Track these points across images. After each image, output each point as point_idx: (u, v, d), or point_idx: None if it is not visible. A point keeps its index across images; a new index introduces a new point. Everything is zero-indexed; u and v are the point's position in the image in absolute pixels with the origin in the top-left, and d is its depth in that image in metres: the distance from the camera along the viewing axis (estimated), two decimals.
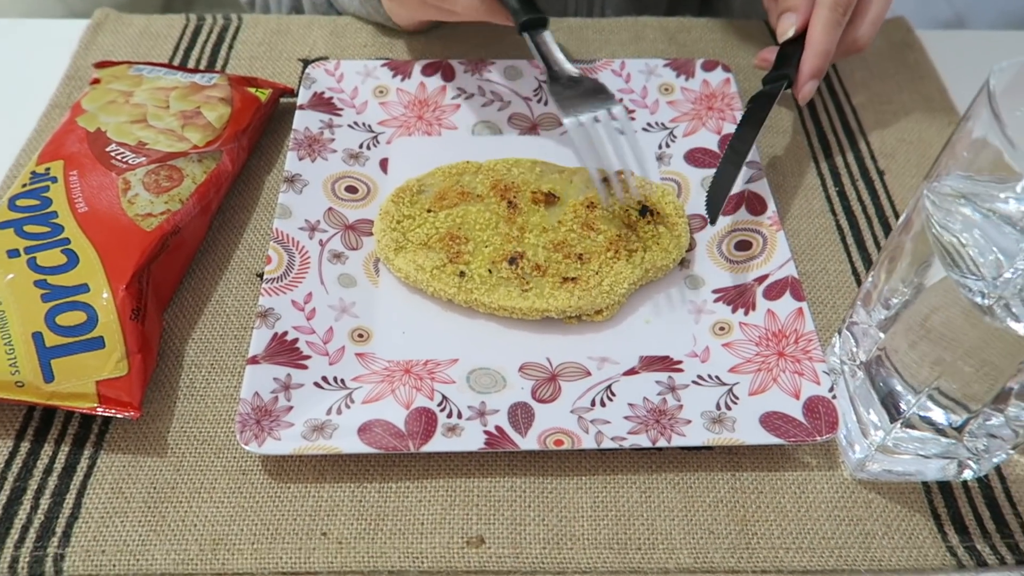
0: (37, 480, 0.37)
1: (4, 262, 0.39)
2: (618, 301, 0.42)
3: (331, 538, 0.36)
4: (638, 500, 0.37)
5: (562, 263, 0.43)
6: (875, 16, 0.49)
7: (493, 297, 0.41)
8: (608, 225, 0.44)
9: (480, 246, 0.43)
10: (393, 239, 0.44)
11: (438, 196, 0.45)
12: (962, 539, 0.37)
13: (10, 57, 0.57)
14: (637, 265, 0.43)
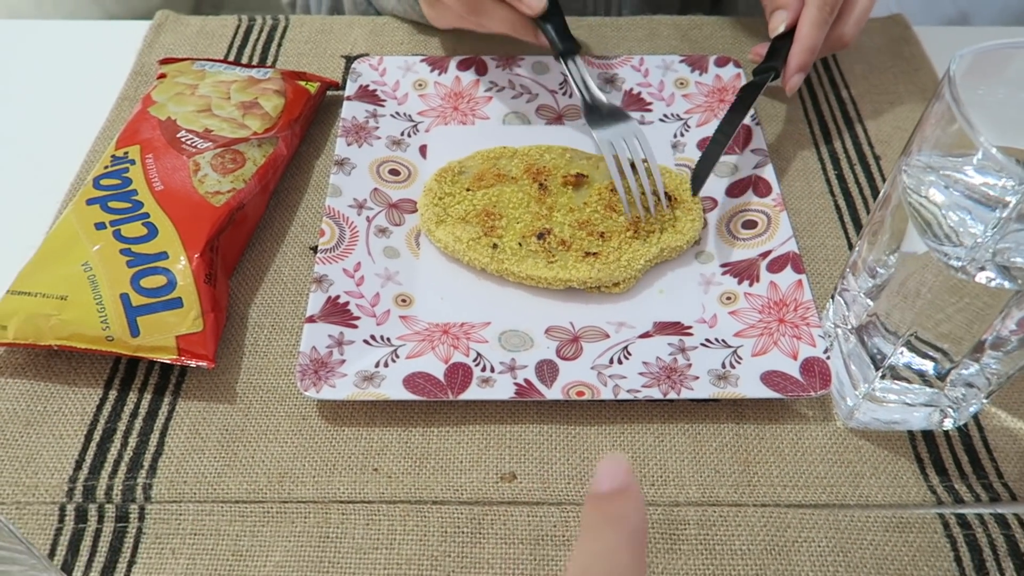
0: (125, 422, 0.42)
1: (92, 233, 0.45)
2: (634, 275, 0.47)
3: (381, 473, 0.41)
4: (652, 444, 0.42)
5: (585, 239, 0.47)
6: (859, 15, 0.53)
7: (522, 267, 0.46)
8: (631, 208, 0.49)
9: (512, 222, 0.48)
10: (435, 213, 0.49)
11: (476, 177, 0.50)
12: (942, 479, 0.41)
13: (80, 55, 0.62)
14: (653, 244, 0.48)
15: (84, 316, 0.42)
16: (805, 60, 0.52)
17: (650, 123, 0.56)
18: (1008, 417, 0.43)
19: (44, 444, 0.41)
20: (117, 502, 0.39)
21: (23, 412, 0.42)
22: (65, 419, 0.42)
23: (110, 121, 0.56)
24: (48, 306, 0.42)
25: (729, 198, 0.51)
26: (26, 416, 0.42)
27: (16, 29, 0.65)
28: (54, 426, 0.42)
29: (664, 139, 0.55)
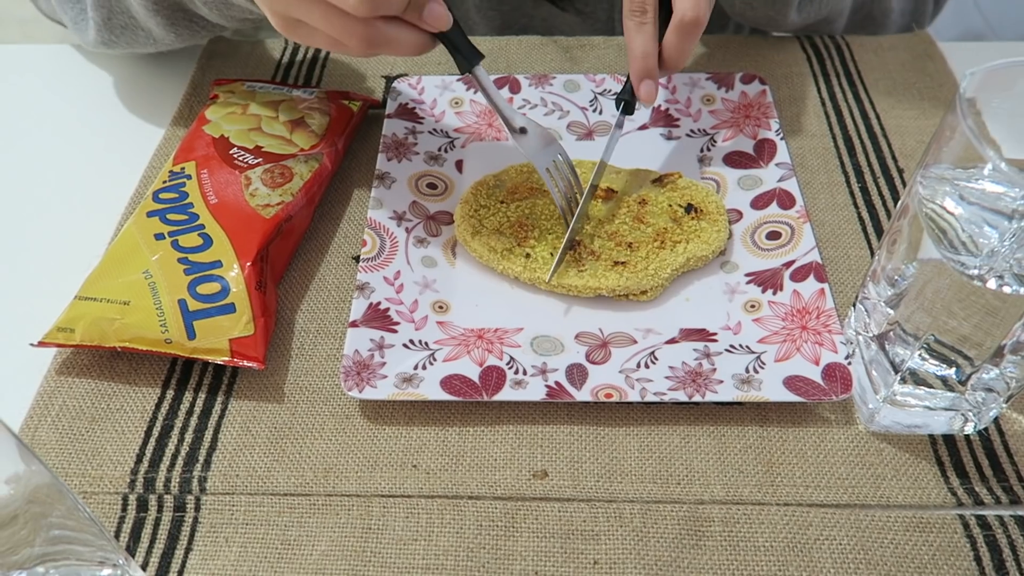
0: (181, 419, 0.45)
1: (152, 244, 0.48)
2: (661, 284, 0.49)
3: (420, 469, 0.43)
4: (678, 445, 0.44)
5: (614, 249, 0.50)
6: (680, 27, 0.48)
7: (557, 274, 0.49)
8: (656, 219, 0.51)
9: (544, 233, 0.51)
10: (471, 225, 0.51)
11: (511, 190, 0.53)
12: (962, 482, 0.42)
13: (137, 76, 0.66)
14: (680, 254, 0.50)
15: (145, 320, 0.45)
16: (639, 67, 0.50)
17: (677, 138, 0.58)
18: None
19: (108, 439, 0.44)
20: (175, 493, 0.42)
21: (89, 409, 0.45)
22: (127, 416, 0.45)
23: (166, 139, 0.59)
24: (112, 311, 0.45)
25: (754, 210, 0.53)
26: (91, 413, 0.45)
27: (79, 53, 0.69)
28: (117, 422, 0.45)
29: (691, 154, 0.57)
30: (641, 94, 0.50)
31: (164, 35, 0.57)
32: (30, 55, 0.70)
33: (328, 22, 0.43)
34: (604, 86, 0.61)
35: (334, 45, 0.46)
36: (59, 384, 0.46)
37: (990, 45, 0.71)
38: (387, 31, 0.44)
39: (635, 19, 0.49)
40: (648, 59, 0.49)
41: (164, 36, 0.57)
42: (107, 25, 0.56)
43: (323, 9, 0.43)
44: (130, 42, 0.58)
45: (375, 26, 0.44)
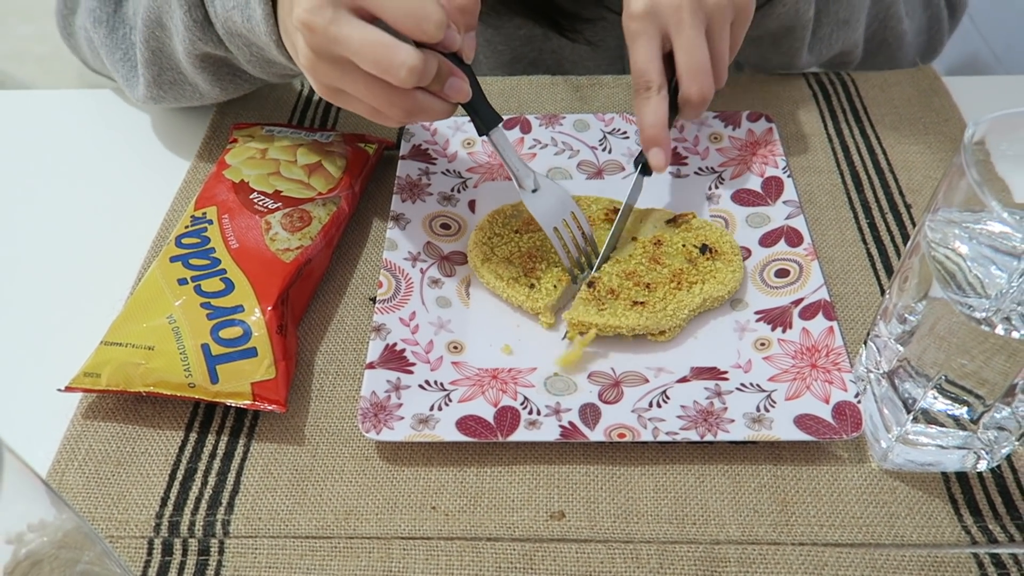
0: (204, 462, 0.46)
1: (176, 289, 0.49)
2: (679, 324, 0.50)
3: (439, 511, 0.44)
4: (693, 484, 0.44)
5: (632, 289, 0.51)
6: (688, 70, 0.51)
7: (574, 313, 0.49)
8: (672, 260, 0.52)
9: (551, 266, 0.52)
10: (482, 252, 0.53)
11: (526, 220, 0.55)
12: (976, 520, 0.43)
13: (156, 121, 0.68)
14: (696, 295, 0.50)
15: (169, 365, 0.46)
16: (649, 136, 0.52)
17: (686, 176, 0.59)
18: None
19: (133, 482, 0.45)
20: (199, 537, 0.43)
21: (114, 453, 0.46)
22: (151, 459, 0.46)
23: (187, 181, 0.61)
24: (137, 356, 0.47)
25: (762, 247, 0.53)
26: (117, 457, 0.46)
27: (99, 98, 0.71)
28: (141, 466, 0.46)
29: (699, 191, 0.58)
30: (652, 162, 0.53)
31: (210, 89, 0.59)
32: (52, 100, 0.72)
33: (372, 94, 0.46)
34: (613, 125, 0.62)
35: (374, 114, 0.48)
36: (85, 428, 0.47)
37: (994, 79, 0.72)
38: (421, 100, 0.47)
39: (641, 96, 0.52)
40: (654, 129, 0.52)
41: (210, 91, 0.60)
42: (156, 82, 0.59)
43: (368, 81, 0.45)
44: (177, 97, 0.61)
45: (414, 97, 0.46)
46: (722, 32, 0.52)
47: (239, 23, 0.50)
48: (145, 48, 0.57)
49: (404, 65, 0.43)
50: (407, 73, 0.43)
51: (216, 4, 0.51)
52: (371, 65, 0.44)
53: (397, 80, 0.44)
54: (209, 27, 0.53)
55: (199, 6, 0.52)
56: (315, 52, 0.45)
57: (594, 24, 0.71)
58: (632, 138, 0.62)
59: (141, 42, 0.57)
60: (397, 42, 0.43)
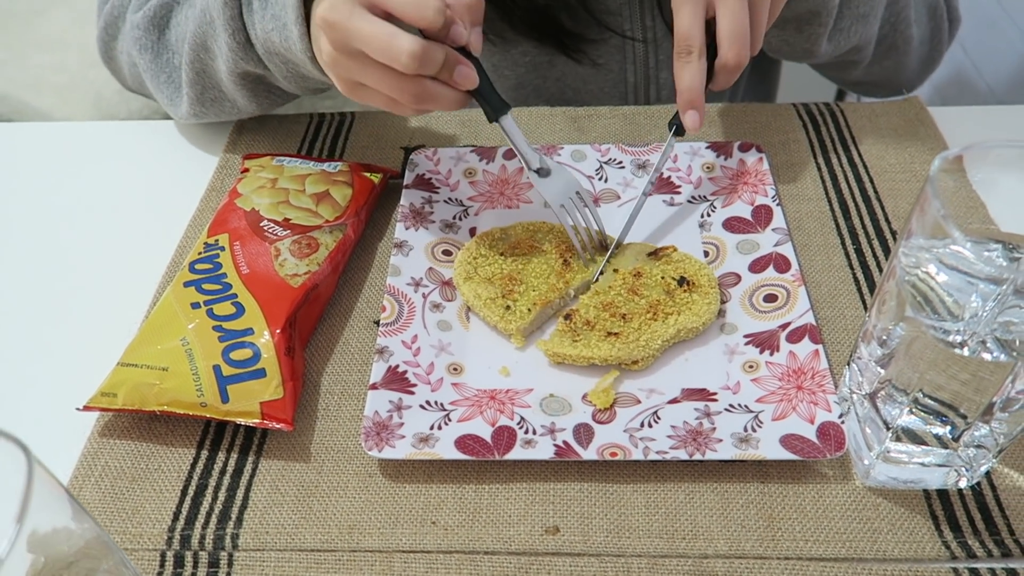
0: (215, 479, 0.48)
1: (189, 312, 0.52)
2: (652, 354, 0.51)
3: (439, 526, 0.46)
4: (683, 501, 0.46)
5: (608, 320, 0.52)
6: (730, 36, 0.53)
7: (550, 345, 0.51)
8: (650, 291, 0.54)
9: (529, 289, 0.55)
10: (466, 270, 0.56)
11: (513, 244, 0.57)
12: (956, 536, 0.44)
13: (170, 151, 0.71)
14: (671, 326, 0.52)
15: (182, 385, 0.48)
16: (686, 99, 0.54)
17: (679, 204, 0.62)
18: (1020, 477, 0.46)
19: (147, 497, 0.47)
20: (209, 550, 0.45)
21: (129, 469, 0.48)
22: (164, 475, 0.48)
23: (200, 210, 0.63)
24: (151, 376, 0.49)
25: (752, 273, 0.56)
26: (131, 473, 0.48)
27: (115, 129, 0.74)
28: (155, 482, 0.48)
29: (692, 219, 0.60)
30: (687, 123, 0.55)
31: (247, 104, 0.65)
32: (68, 131, 0.75)
33: (384, 82, 0.51)
34: (610, 155, 0.64)
35: (390, 104, 0.54)
36: (102, 446, 0.49)
37: (979, 109, 0.75)
38: (431, 88, 0.51)
39: (682, 59, 0.54)
40: (691, 92, 0.54)
41: (247, 106, 0.66)
42: (200, 99, 0.66)
43: (377, 69, 0.50)
44: (218, 113, 0.67)
45: (422, 84, 0.51)
46: (763, 3, 0.54)
47: (277, 43, 0.56)
48: (190, 69, 0.63)
49: (404, 51, 0.48)
50: (408, 58, 0.48)
51: (256, 27, 0.57)
52: (378, 53, 0.49)
53: (400, 65, 0.49)
54: (250, 48, 0.59)
55: (241, 30, 0.58)
56: (335, 47, 0.51)
57: (597, 46, 0.74)
58: (628, 167, 0.64)
59: (187, 64, 0.63)
60: (400, 31, 0.48)
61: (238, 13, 0.57)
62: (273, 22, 0.55)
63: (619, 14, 0.73)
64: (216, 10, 0.58)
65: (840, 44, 0.69)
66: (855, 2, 0.66)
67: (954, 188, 0.42)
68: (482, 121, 0.70)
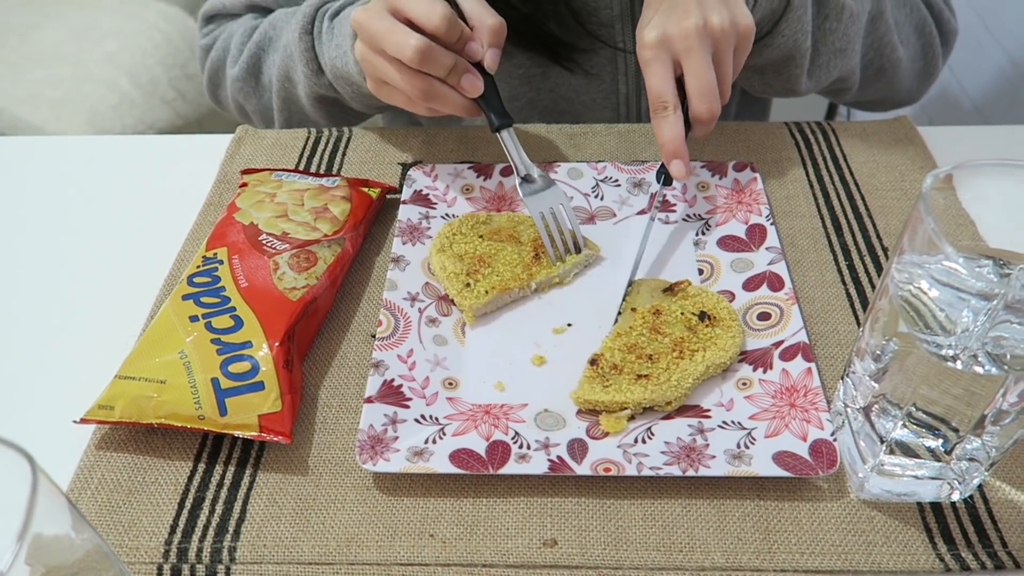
0: (212, 492, 0.48)
1: (187, 325, 0.52)
2: (684, 394, 0.50)
3: (437, 539, 0.46)
4: (680, 515, 0.46)
5: (635, 363, 0.51)
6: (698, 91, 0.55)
7: (580, 392, 0.50)
8: (672, 329, 0.53)
9: (492, 274, 0.56)
10: (440, 243, 0.58)
11: (494, 230, 0.59)
12: (949, 548, 0.45)
13: (167, 166, 0.71)
14: (699, 363, 0.51)
15: (180, 398, 0.48)
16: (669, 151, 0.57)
17: (674, 223, 0.62)
18: (1012, 490, 0.47)
19: (144, 511, 0.47)
20: (206, 563, 0.45)
21: (126, 482, 0.48)
22: (161, 488, 0.48)
23: (197, 224, 0.64)
24: (149, 389, 0.49)
25: (745, 291, 0.56)
26: (128, 486, 0.48)
27: (111, 143, 0.74)
28: (152, 495, 0.48)
29: (687, 238, 0.61)
30: (673, 172, 0.57)
31: (326, 123, 0.76)
32: (69, 145, 0.75)
33: (398, 77, 0.57)
34: (606, 173, 0.65)
35: (407, 102, 0.60)
36: (98, 459, 0.49)
37: (967, 129, 0.76)
38: (439, 88, 0.58)
39: (659, 115, 0.57)
40: (673, 143, 0.57)
41: (326, 124, 0.76)
42: (288, 122, 0.77)
43: (393, 64, 0.57)
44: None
45: (431, 83, 0.57)
46: (726, 56, 0.57)
47: (340, 67, 0.65)
48: (278, 98, 0.74)
49: (410, 45, 0.54)
50: (412, 51, 0.54)
51: (325, 56, 0.66)
52: (391, 47, 0.55)
53: (406, 58, 0.55)
54: (322, 75, 0.68)
55: (314, 60, 0.67)
56: (364, 44, 0.58)
57: (589, 55, 0.75)
58: (623, 185, 0.65)
59: (275, 93, 0.74)
60: (408, 30, 0.55)
61: (311, 46, 0.67)
62: (336, 50, 0.64)
63: (611, 26, 0.74)
64: (294, 45, 0.67)
65: (821, 79, 0.70)
66: (830, 39, 0.68)
67: (944, 205, 0.43)
68: (479, 138, 0.71)
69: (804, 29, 0.65)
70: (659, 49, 0.56)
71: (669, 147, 0.57)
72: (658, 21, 0.56)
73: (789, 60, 0.67)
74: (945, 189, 0.42)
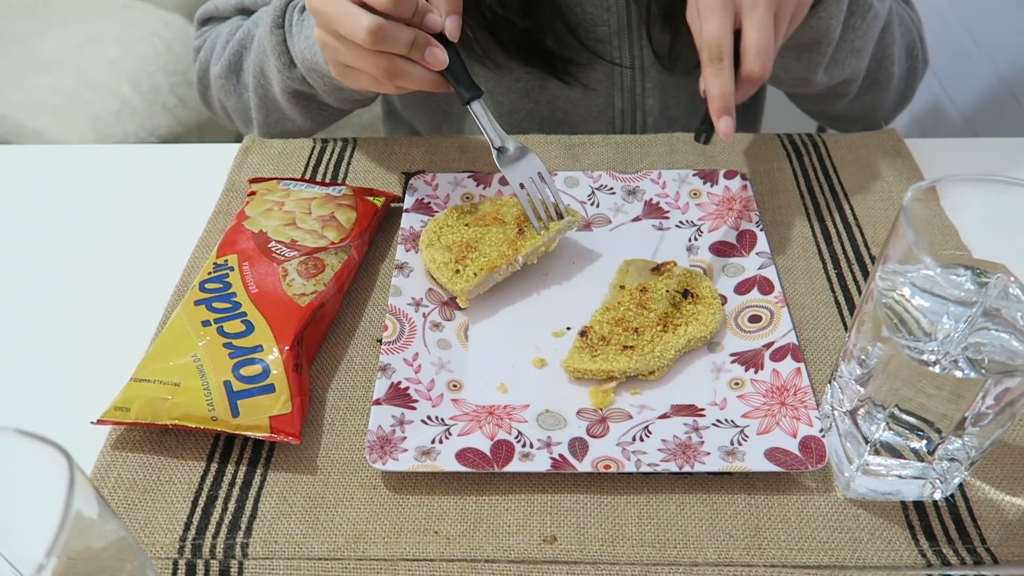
0: (225, 490, 0.50)
1: (200, 330, 0.54)
2: (667, 364, 0.54)
3: (441, 535, 0.48)
4: (674, 512, 0.48)
5: (622, 335, 0.55)
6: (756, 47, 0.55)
7: (570, 361, 0.54)
8: (657, 305, 0.57)
9: (480, 256, 0.59)
10: (429, 237, 0.61)
11: (479, 216, 0.62)
12: (931, 544, 0.47)
13: (175, 175, 0.73)
14: (681, 336, 0.55)
15: (193, 400, 0.50)
16: (720, 106, 0.55)
17: (667, 229, 0.64)
18: (991, 489, 0.49)
19: (159, 508, 0.49)
20: (220, 558, 0.47)
21: (141, 481, 0.50)
22: (176, 487, 0.50)
23: (207, 232, 0.65)
24: (164, 391, 0.51)
25: (737, 295, 0.58)
26: (144, 485, 0.50)
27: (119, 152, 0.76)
28: (166, 493, 0.50)
29: (680, 243, 0.63)
30: (721, 129, 0.56)
31: (303, 121, 0.75)
32: (79, 154, 0.77)
33: (358, 60, 0.57)
34: (601, 182, 0.67)
35: (373, 83, 0.60)
36: (114, 459, 0.51)
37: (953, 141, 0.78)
38: (402, 65, 0.57)
39: (713, 66, 0.56)
40: (725, 98, 0.55)
41: (303, 122, 0.76)
42: (266, 121, 0.77)
43: (351, 48, 0.56)
44: (283, 132, 0.78)
45: (393, 60, 0.57)
46: (784, 20, 0.57)
47: (310, 59, 0.65)
48: (255, 95, 0.74)
49: (362, 27, 0.54)
50: (364, 32, 0.54)
51: (296, 48, 0.66)
52: (344, 29, 0.55)
53: (360, 40, 0.54)
54: (293, 67, 0.68)
55: (285, 53, 0.68)
56: (322, 29, 0.58)
57: (586, 70, 0.77)
58: (618, 193, 0.67)
59: (252, 91, 0.74)
60: (359, 11, 0.54)
61: (283, 39, 0.67)
62: (305, 41, 0.64)
63: (608, 42, 0.76)
64: (266, 39, 0.67)
65: (834, 76, 0.73)
66: (851, 36, 0.70)
67: (929, 216, 0.45)
68: (480, 148, 0.73)
69: (838, 17, 0.66)
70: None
71: (720, 102, 0.55)
72: None
73: (815, 46, 0.69)
74: (930, 200, 0.45)
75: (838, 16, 0.67)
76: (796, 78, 0.73)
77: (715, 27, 0.55)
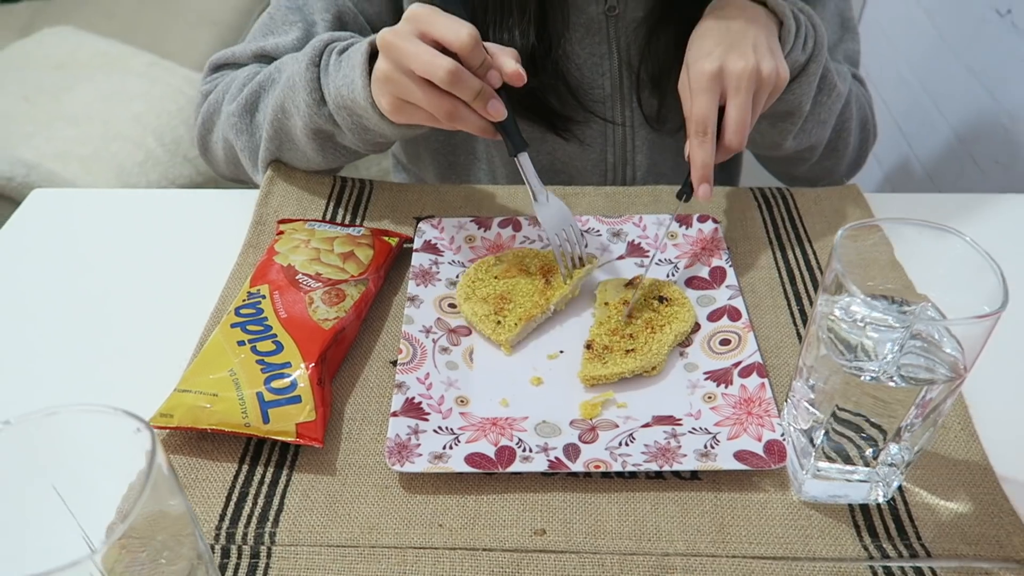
0: (255, 487, 0.57)
1: (235, 348, 0.61)
2: (663, 359, 0.63)
3: (445, 528, 0.54)
4: (649, 509, 0.55)
5: (620, 342, 0.64)
6: (736, 124, 0.65)
7: (584, 371, 0.62)
8: (640, 312, 0.66)
9: (516, 307, 0.66)
10: (465, 292, 0.68)
11: (505, 268, 0.69)
12: (873, 540, 0.53)
13: (207, 212, 0.81)
14: (669, 333, 0.64)
15: (229, 408, 0.58)
16: (699, 175, 0.66)
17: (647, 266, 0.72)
18: (926, 494, 0.56)
19: (197, 502, 0.55)
20: (250, 545, 0.53)
21: (182, 479, 0.57)
22: (212, 484, 0.57)
23: (239, 264, 0.73)
24: (203, 400, 0.58)
25: (709, 322, 0.66)
26: (184, 482, 0.57)
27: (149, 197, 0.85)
28: (204, 490, 0.56)
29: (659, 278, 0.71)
30: (699, 193, 0.66)
31: (315, 157, 0.78)
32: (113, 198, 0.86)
33: (425, 97, 0.62)
34: (588, 225, 0.76)
35: (430, 120, 0.65)
36: None
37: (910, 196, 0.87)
38: (463, 110, 0.63)
39: (698, 138, 0.66)
40: (706, 168, 0.66)
41: (315, 158, 0.78)
42: (270, 156, 0.79)
43: (421, 85, 0.62)
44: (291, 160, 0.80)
45: (456, 105, 0.63)
46: (761, 99, 0.66)
47: (345, 95, 0.68)
48: (271, 127, 0.76)
49: (443, 67, 0.59)
50: (444, 72, 0.59)
51: (330, 86, 0.70)
52: (422, 68, 0.60)
53: (438, 79, 0.60)
54: (323, 104, 0.71)
55: (317, 89, 0.71)
56: (390, 64, 0.62)
57: (582, 127, 0.86)
58: (604, 235, 0.75)
59: (268, 123, 0.76)
60: (437, 52, 0.60)
61: (316, 76, 0.70)
62: (343, 79, 0.68)
63: (603, 103, 0.86)
64: (299, 75, 0.71)
65: (802, 142, 0.82)
66: (819, 109, 0.80)
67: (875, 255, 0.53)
68: (483, 195, 0.81)
69: (809, 93, 0.76)
70: (714, 82, 0.64)
71: (701, 171, 0.65)
72: (718, 55, 0.65)
73: (788, 116, 0.78)
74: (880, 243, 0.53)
75: (809, 93, 0.76)
76: (769, 142, 0.83)
77: (703, 105, 0.65)
